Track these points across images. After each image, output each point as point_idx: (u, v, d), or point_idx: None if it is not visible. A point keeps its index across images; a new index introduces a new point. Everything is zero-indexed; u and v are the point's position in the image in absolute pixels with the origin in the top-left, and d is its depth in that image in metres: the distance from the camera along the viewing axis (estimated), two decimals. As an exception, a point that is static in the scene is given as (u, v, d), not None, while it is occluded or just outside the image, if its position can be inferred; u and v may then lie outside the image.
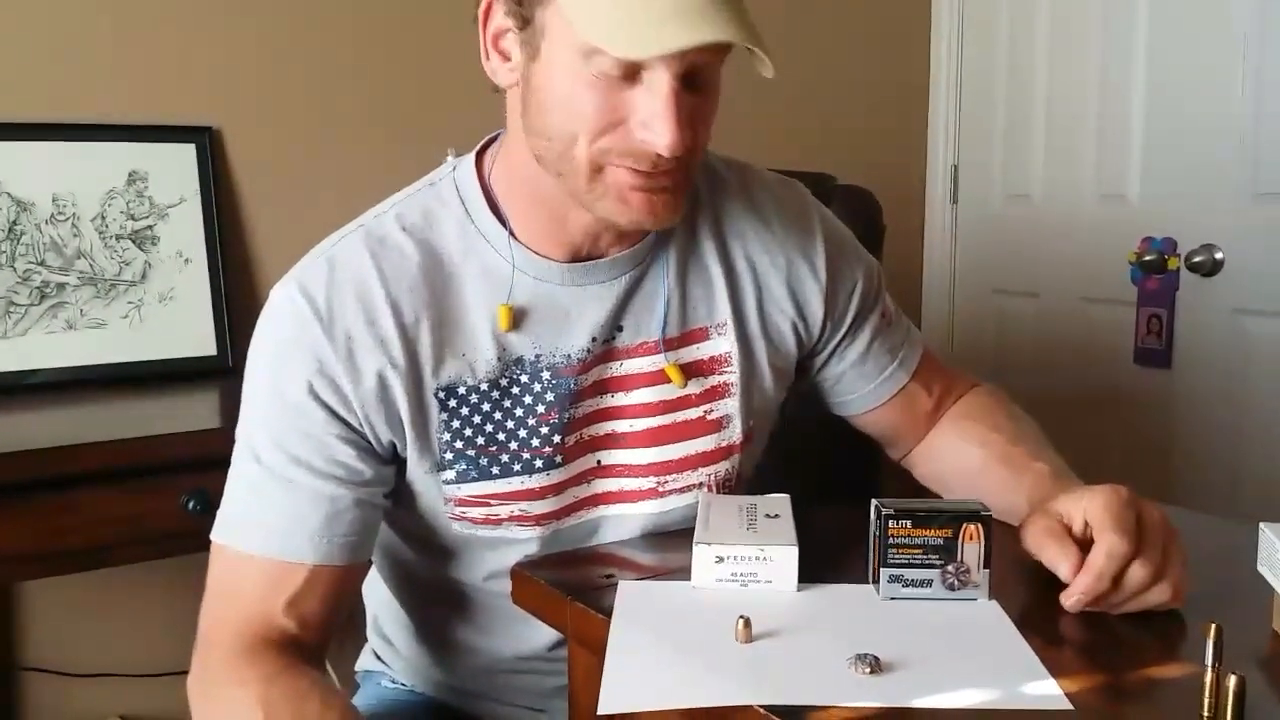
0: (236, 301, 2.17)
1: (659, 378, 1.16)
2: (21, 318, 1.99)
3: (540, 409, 1.11)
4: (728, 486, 1.21)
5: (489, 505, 1.12)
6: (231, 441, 1.11)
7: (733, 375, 1.18)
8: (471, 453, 1.10)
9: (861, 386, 1.28)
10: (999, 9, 3.02)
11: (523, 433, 1.11)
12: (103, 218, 2.07)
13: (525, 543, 1.14)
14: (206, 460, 1.58)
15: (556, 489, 1.14)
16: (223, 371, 2.13)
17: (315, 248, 1.12)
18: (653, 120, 0.97)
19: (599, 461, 1.16)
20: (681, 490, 1.18)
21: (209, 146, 2.18)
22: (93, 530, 1.64)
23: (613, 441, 1.16)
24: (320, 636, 1.10)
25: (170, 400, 2.01)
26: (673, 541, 1.14)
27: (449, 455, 1.10)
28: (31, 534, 1.60)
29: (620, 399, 1.16)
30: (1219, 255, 2.52)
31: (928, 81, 3.17)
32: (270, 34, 2.27)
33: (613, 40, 0.93)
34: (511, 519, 1.13)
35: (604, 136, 0.99)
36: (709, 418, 1.18)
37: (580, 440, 1.14)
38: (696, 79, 0.99)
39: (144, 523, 1.67)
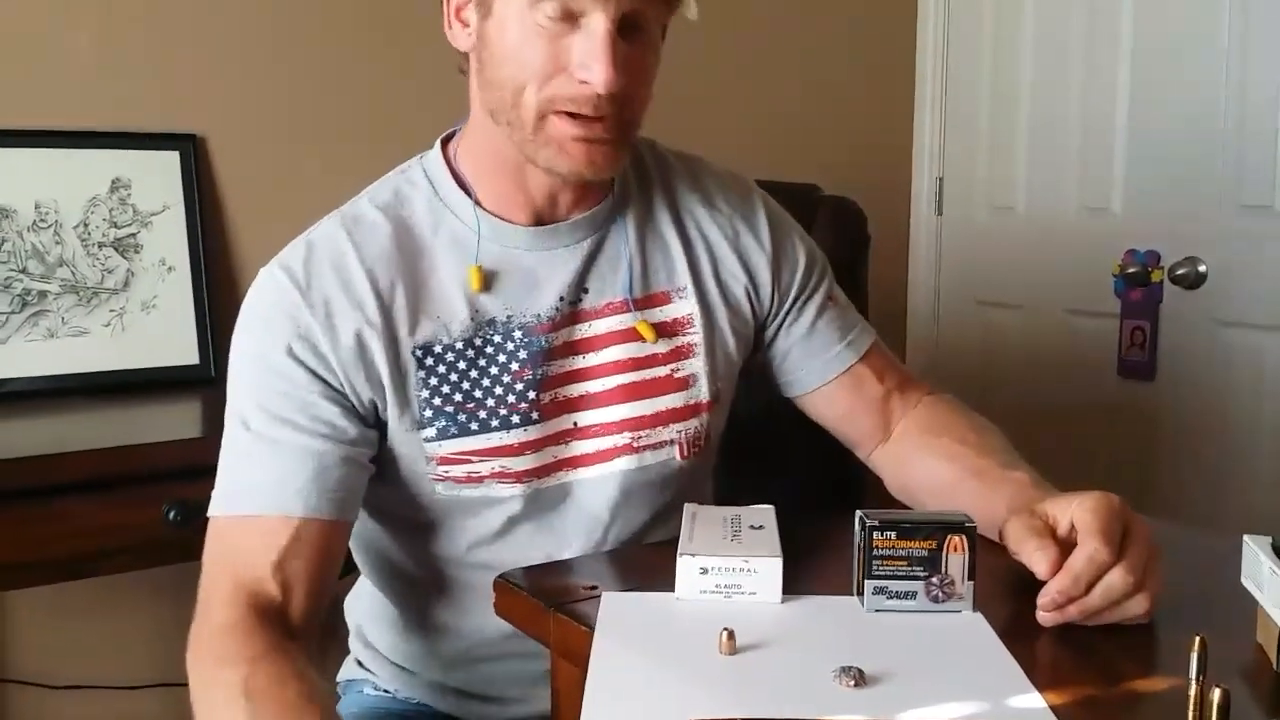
0: (219, 310, 2.16)
1: (628, 335, 1.21)
2: (2, 325, 1.98)
3: (514, 366, 1.17)
4: (698, 446, 1.25)
5: (470, 462, 1.16)
6: (214, 451, 1.12)
7: (696, 336, 1.24)
8: (450, 409, 1.15)
9: (808, 362, 1.31)
10: (983, 21, 3.03)
11: (499, 390, 1.16)
12: (85, 225, 2.06)
13: (508, 501, 1.18)
14: (189, 470, 1.57)
15: (535, 445, 1.18)
16: (206, 380, 2.11)
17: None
18: (589, 60, 1.05)
19: (575, 423, 1.21)
20: (655, 446, 1.22)
21: (193, 154, 2.18)
22: (74, 540, 1.62)
23: (586, 402, 1.21)
24: (307, 606, 1.10)
25: (153, 409, 2.00)
26: (656, 552, 1.14)
27: (428, 413, 1.15)
28: (12, 544, 1.59)
29: (590, 359, 1.21)
30: (1202, 268, 2.53)
31: (913, 93, 3.18)
32: (255, 42, 2.26)
33: None
34: (493, 476, 1.17)
35: (549, 83, 1.07)
36: (676, 375, 1.23)
37: (555, 400, 1.19)
38: (635, 33, 1.07)
39: (126, 533, 1.66)
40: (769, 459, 1.45)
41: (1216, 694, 0.77)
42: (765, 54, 2.87)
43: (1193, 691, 0.79)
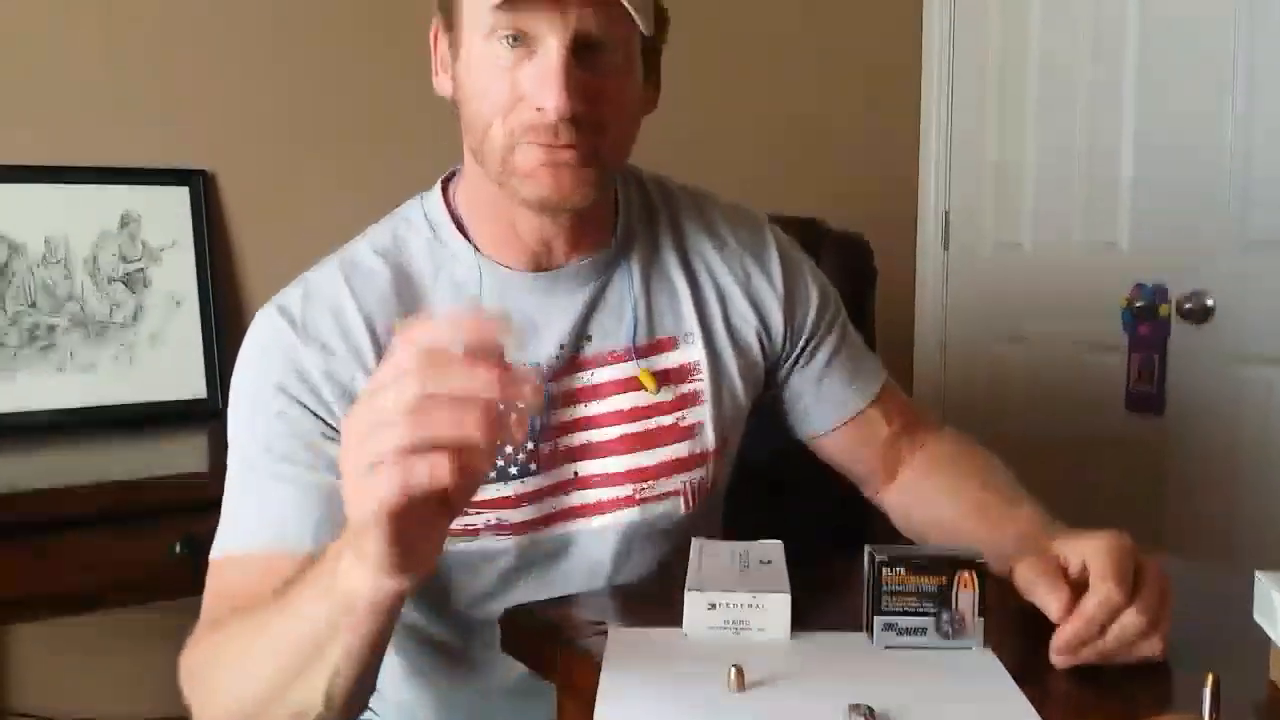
0: (228, 344, 2.17)
1: (631, 385, 1.19)
2: (11, 360, 1.98)
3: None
4: (702, 494, 1.23)
5: (465, 514, 1.12)
6: (221, 486, 1.11)
7: (702, 383, 1.22)
8: None
9: (819, 406, 1.30)
10: (988, 54, 3.04)
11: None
12: (94, 260, 2.07)
13: (502, 555, 1.15)
14: (196, 504, 1.57)
15: (533, 497, 1.15)
16: (214, 414, 2.12)
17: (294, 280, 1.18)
18: (540, 85, 1.02)
19: (576, 473, 1.18)
20: (659, 498, 1.20)
21: (202, 190, 2.19)
22: (81, 574, 1.62)
23: (588, 452, 1.18)
24: None
25: (160, 443, 2.00)
26: (664, 588, 1.13)
27: None
28: (19, 578, 1.58)
29: (593, 408, 1.18)
30: (1210, 302, 2.53)
31: (918, 128, 3.19)
32: (264, 79, 2.28)
33: None
34: (488, 529, 1.14)
35: (510, 115, 1.05)
36: (682, 424, 1.21)
37: (556, 450, 1.17)
38: (597, 55, 1.04)
39: (133, 567, 1.65)
40: (777, 493, 1.45)
41: (1230, 732, 0.76)
42: (769, 87, 2.89)
43: (1206, 729, 0.79)
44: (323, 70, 2.33)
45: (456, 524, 1.10)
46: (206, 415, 2.12)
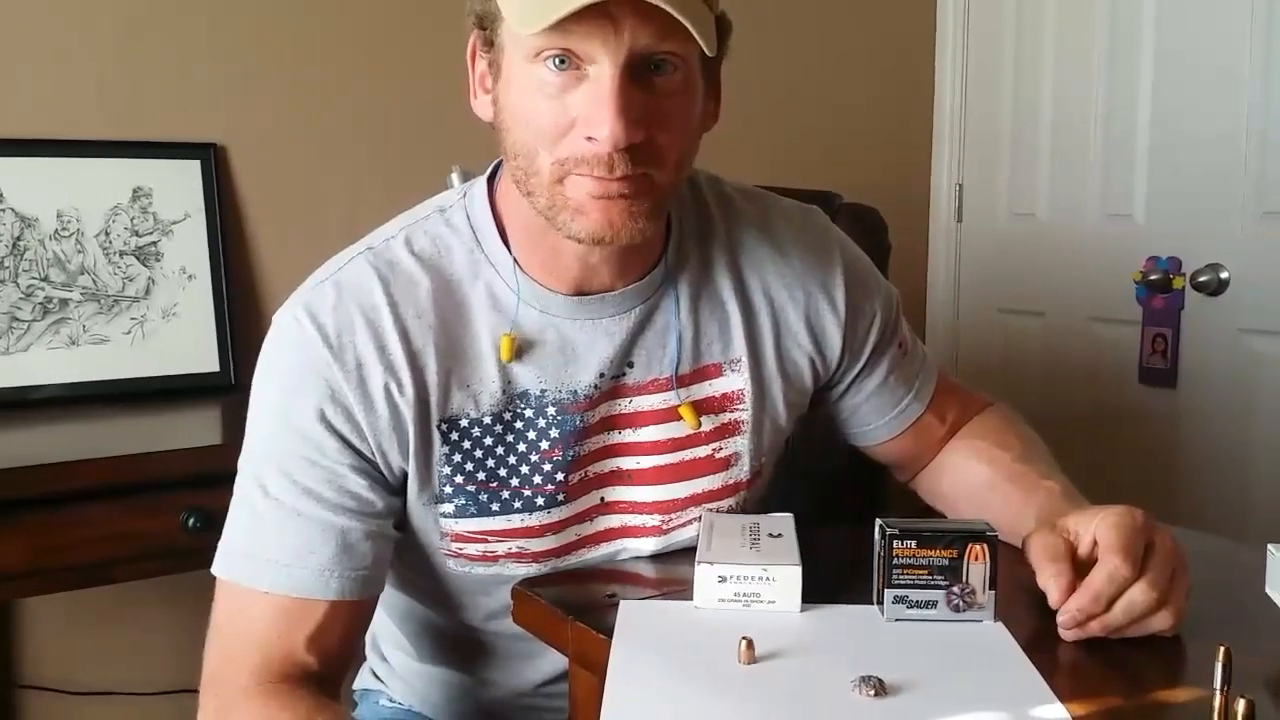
0: (240, 318, 2.17)
1: (669, 415, 1.13)
2: (24, 333, 1.99)
3: (544, 445, 1.09)
4: None
5: (486, 541, 1.10)
6: (233, 458, 1.08)
7: (745, 413, 1.16)
8: (471, 488, 1.08)
9: (877, 419, 1.27)
10: (1004, 27, 3.02)
11: (525, 469, 1.09)
12: (107, 234, 2.07)
13: (520, 578, 1.12)
14: (208, 477, 1.58)
15: (558, 527, 1.12)
16: (225, 388, 2.12)
17: (319, 270, 1.10)
18: (593, 112, 0.94)
19: (602, 498, 1.14)
20: (685, 525, 1.16)
21: (213, 163, 2.18)
22: (93, 547, 1.63)
23: (618, 478, 1.14)
24: (340, 669, 1.09)
25: (172, 416, 2.00)
26: (675, 560, 1.14)
27: (448, 489, 1.08)
28: (31, 550, 1.59)
29: (628, 435, 1.13)
30: (1224, 274, 2.52)
31: (932, 100, 3.17)
32: (275, 51, 2.27)
33: (522, 18, 0.93)
34: (509, 556, 1.11)
35: (559, 144, 0.97)
36: (718, 456, 1.16)
37: (585, 478, 1.12)
38: (651, 79, 0.96)
39: (144, 539, 1.66)
40: (787, 465, 1.44)
41: (1241, 704, 0.76)
42: (786, 62, 2.87)
43: (1217, 702, 0.79)
44: (335, 42, 2.32)
45: (474, 550, 1.09)
46: (218, 389, 2.12)
